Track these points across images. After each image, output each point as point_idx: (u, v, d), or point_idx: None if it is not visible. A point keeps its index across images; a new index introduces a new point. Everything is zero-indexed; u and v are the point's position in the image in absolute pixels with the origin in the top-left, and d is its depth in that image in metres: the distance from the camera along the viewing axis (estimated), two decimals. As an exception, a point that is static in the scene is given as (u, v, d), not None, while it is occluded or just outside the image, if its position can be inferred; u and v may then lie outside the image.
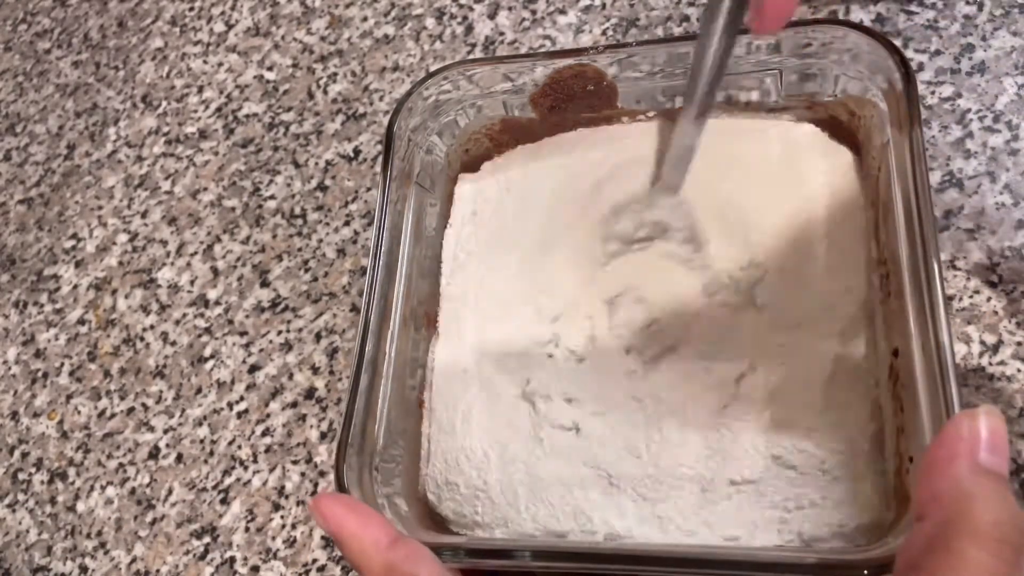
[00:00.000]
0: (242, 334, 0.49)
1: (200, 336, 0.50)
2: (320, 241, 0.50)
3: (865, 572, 0.26)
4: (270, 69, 0.57)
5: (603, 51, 0.39)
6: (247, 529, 0.44)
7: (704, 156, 0.37)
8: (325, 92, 0.55)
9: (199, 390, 0.48)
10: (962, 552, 0.19)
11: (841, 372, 0.33)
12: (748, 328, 0.35)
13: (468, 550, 0.31)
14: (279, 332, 0.48)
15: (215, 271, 0.52)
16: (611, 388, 0.35)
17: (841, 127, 0.38)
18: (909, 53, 0.43)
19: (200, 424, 0.47)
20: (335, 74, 0.55)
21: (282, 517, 0.44)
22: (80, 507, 0.48)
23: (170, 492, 0.46)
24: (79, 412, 0.50)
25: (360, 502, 0.31)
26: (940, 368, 0.28)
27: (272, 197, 0.53)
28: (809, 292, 0.35)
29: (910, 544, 0.21)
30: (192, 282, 0.52)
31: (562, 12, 0.52)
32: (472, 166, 0.43)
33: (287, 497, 0.44)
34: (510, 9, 0.53)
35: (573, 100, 0.41)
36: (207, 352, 0.49)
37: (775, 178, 0.37)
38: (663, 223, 0.37)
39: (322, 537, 0.43)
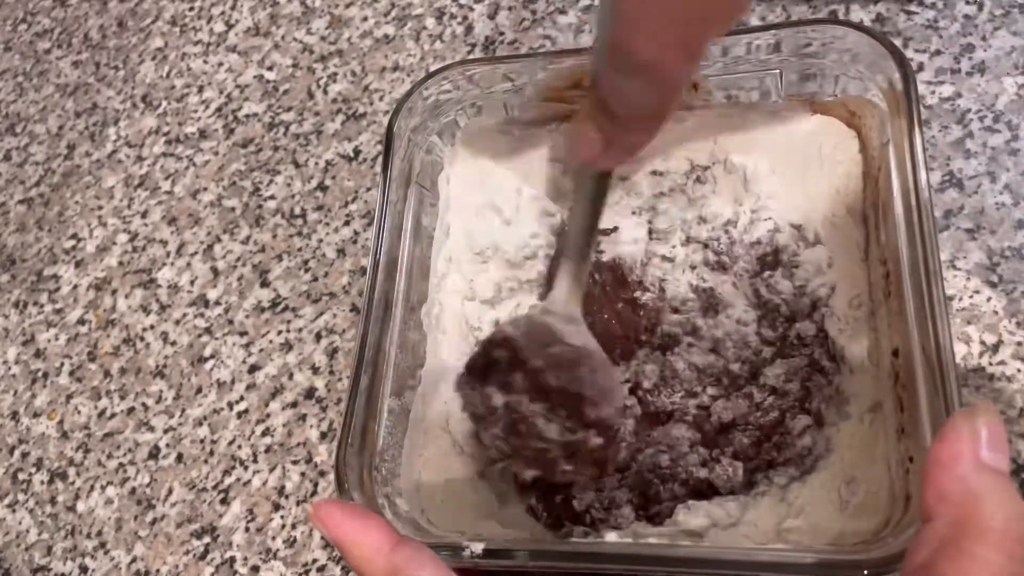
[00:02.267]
0: (242, 334, 0.49)
1: (200, 336, 0.50)
2: (320, 241, 0.50)
3: (865, 572, 0.26)
4: (270, 69, 0.57)
5: (603, 51, 0.39)
6: (247, 529, 0.44)
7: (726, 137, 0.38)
8: (325, 92, 0.55)
9: (199, 390, 0.48)
10: (974, 552, 0.20)
11: (850, 380, 0.33)
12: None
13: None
14: (279, 332, 0.48)
15: (215, 271, 0.52)
16: None
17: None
18: (909, 53, 0.43)
19: (200, 424, 0.47)
20: (335, 74, 0.55)
21: (282, 517, 0.44)
22: (80, 507, 0.48)
23: (170, 492, 0.46)
24: (79, 412, 0.50)
25: (359, 506, 0.31)
26: (940, 368, 0.28)
27: (272, 197, 0.53)
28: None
29: (919, 544, 0.21)
30: (192, 282, 0.52)
31: (562, 12, 0.52)
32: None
33: (287, 497, 0.44)
34: (510, 9, 0.53)
35: (573, 100, 0.41)
36: (207, 352, 0.49)
37: (790, 163, 0.37)
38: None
39: (322, 537, 0.43)
